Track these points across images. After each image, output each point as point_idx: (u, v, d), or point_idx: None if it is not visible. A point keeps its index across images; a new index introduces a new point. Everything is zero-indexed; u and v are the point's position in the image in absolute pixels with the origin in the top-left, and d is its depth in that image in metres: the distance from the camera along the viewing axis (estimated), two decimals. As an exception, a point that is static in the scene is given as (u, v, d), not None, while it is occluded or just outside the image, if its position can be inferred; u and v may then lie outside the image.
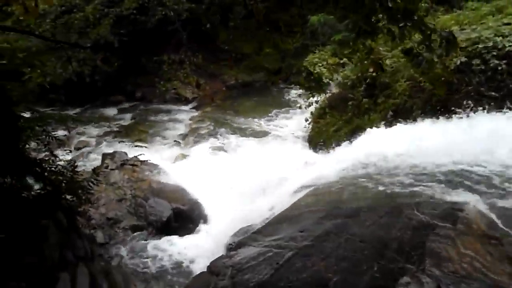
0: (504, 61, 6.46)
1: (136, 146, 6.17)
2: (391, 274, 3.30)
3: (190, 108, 14.97)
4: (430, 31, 2.64)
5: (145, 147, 6.20)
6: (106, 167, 7.70)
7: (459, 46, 3.57)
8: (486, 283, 3.07)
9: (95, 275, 3.26)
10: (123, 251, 5.89)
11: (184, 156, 9.83)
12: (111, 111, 14.76)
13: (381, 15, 2.91)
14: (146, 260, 5.75)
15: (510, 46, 6.48)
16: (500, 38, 6.66)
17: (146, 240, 6.25)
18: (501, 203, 4.14)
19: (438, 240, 3.56)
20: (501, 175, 4.69)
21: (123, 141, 7.54)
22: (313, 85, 3.73)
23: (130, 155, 8.26)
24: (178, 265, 5.66)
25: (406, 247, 3.59)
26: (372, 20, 3.05)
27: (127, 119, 13.84)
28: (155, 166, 8.34)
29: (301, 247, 4.08)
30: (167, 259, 5.77)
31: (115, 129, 11.08)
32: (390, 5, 2.58)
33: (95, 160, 9.30)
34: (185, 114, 14.12)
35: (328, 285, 3.41)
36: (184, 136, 11.78)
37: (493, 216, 3.90)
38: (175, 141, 11.41)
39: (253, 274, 3.90)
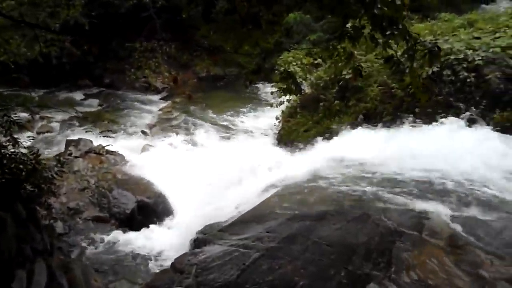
0: (473, 74, 6.65)
1: (102, 134, 5.91)
2: (358, 280, 3.32)
3: (160, 98, 14.70)
4: (415, 41, 2.64)
5: (112, 137, 5.98)
6: (70, 154, 7.40)
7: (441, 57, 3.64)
8: (448, 292, 3.13)
9: (53, 270, 3.10)
10: (84, 243, 5.68)
11: (151, 147, 9.61)
12: (78, 96, 14.29)
13: (364, 21, 2.90)
14: (107, 253, 5.56)
15: (479, 59, 6.67)
16: (471, 51, 6.85)
17: (108, 232, 6.06)
18: (464, 212, 4.26)
19: (405, 247, 3.61)
20: (464, 184, 4.82)
21: (89, 128, 7.25)
22: (292, 87, 3.68)
23: (96, 143, 7.99)
24: (141, 260, 5.51)
25: (373, 253, 3.62)
26: (355, 25, 3.03)
27: (94, 105, 13.43)
28: (120, 156, 8.12)
29: (268, 248, 4.04)
30: (129, 253, 5.61)
31: (81, 115, 10.65)
32: (376, 11, 2.57)
33: (57, 146, 8.95)
34: (154, 104, 13.84)
35: (295, 289, 3.39)
36: (152, 127, 11.53)
37: (456, 225, 4.00)
38: (142, 131, 11.16)
39: (219, 274, 3.84)
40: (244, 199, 5.72)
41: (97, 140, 7.86)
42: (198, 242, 4.86)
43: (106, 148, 7.90)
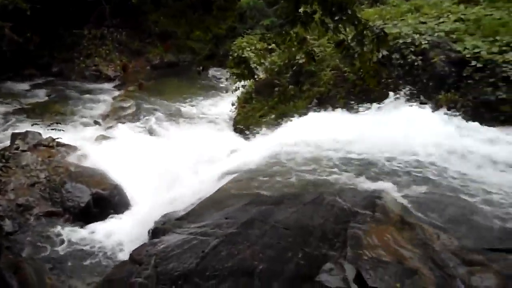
0: (420, 57, 6.93)
1: (51, 127, 5.67)
2: (315, 261, 3.41)
3: (112, 87, 14.21)
4: (363, 26, 2.71)
5: (62, 130, 5.73)
6: (17, 149, 7.05)
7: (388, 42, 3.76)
8: (401, 266, 3.29)
9: (1, 271, 2.96)
10: (36, 240, 5.46)
11: (105, 138, 9.34)
12: (22, 86, 13.50)
13: (315, 7, 2.94)
14: (63, 249, 5.38)
15: (425, 43, 6.95)
16: (418, 35, 7.12)
17: (62, 227, 5.84)
18: (413, 189, 4.46)
19: (359, 227, 3.74)
20: (414, 163, 5.04)
21: (36, 120, 6.93)
22: (245, 72, 3.68)
23: (45, 136, 7.64)
24: (98, 253, 5.38)
25: (329, 234, 3.72)
26: (306, 10, 3.06)
27: (41, 96, 12.77)
28: (73, 147, 7.82)
29: (227, 235, 4.06)
30: (86, 248, 5.46)
31: (27, 106, 10.17)
32: (326, -3, 2.61)
33: (1, 140, 8.49)
34: (106, 93, 13.37)
35: (254, 273, 3.44)
36: (105, 117, 11.17)
37: (406, 203, 4.19)
38: (95, 121, 10.79)
39: (178, 263, 3.82)
40: (202, 187, 5.69)
41: (46, 133, 7.54)
42: (157, 232, 4.81)
43: (56, 140, 7.60)
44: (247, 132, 8.89)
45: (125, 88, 13.69)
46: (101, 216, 6.40)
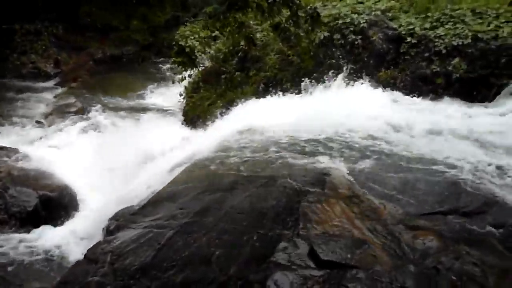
0: (360, 36, 7.15)
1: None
2: (270, 242, 3.49)
3: (53, 85, 13.61)
4: (297, 7, 2.76)
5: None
6: (-50, 157, 6.64)
7: (322, 22, 3.85)
8: (350, 238, 3.44)
9: None
10: (-20, 251, 5.21)
11: (48, 138, 8.99)
12: None
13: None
14: (11, 257, 5.15)
15: (364, 22, 7.17)
16: (356, 15, 7.34)
17: (9, 235, 5.60)
18: (359, 164, 4.65)
19: (309, 205, 3.85)
20: (359, 139, 5.25)
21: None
22: (186, 60, 3.65)
23: (-19, 141, 7.25)
24: (51, 257, 5.21)
25: (282, 214, 3.81)
26: (241, -5, 3.08)
27: (-28, 98, 12.01)
28: (14, 151, 7.47)
29: (182, 225, 4.05)
30: (38, 253, 5.26)
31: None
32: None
33: None
34: (47, 92, 12.80)
35: (211, 260, 3.47)
36: (47, 116, 10.72)
37: (353, 178, 4.36)
38: (37, 121, 10.33)
39: (135, 258, 3.78)
40: (154, 180, 5.63)
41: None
42: (111, 229, 4.72)
43: (-7, 144, 7.23)
44: (197, 122, 8.85)
45: (67, 85, 13.16)
46: (52, 218, 6.21)
